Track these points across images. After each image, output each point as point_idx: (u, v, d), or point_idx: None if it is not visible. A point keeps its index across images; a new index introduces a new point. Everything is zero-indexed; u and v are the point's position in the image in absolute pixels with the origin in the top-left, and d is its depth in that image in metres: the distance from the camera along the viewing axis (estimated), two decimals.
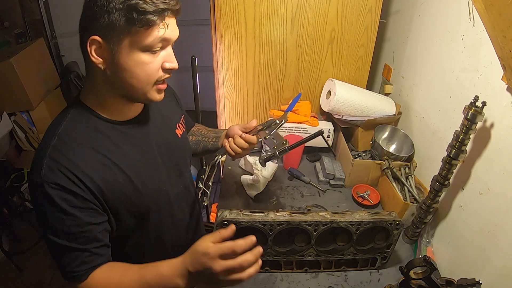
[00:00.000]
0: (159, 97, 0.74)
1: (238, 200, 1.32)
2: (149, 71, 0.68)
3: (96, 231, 0.69)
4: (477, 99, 0.87)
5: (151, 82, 0.70)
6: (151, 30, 0.64)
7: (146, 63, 0.67)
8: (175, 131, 0.93)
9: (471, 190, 0.97)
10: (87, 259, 0.68)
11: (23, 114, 2.52)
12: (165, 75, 0.71)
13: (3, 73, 2.28)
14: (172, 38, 0.68)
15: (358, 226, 0.96)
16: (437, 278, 0.85)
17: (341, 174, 1.40)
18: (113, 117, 0.74)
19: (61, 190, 0.64)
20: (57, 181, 0.64)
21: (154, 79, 0.69)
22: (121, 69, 0.66)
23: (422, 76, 1.30)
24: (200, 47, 2.31)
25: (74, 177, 0.65)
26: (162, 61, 0.69)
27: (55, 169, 0.64)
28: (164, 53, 0.69)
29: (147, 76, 0.68)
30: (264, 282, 1.02)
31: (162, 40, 0.66)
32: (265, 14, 1.38)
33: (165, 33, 0.65)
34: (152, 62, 0.67)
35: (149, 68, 0.67)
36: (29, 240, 2.28)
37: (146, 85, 0.69)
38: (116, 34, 0.63)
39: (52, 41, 2.97)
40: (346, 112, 1.45)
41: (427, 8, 1.28)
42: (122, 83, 0.68)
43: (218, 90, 1.57)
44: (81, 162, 0.67)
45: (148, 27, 0.63)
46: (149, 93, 0.71)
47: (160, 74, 0.70)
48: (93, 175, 0.67)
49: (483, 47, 0.93)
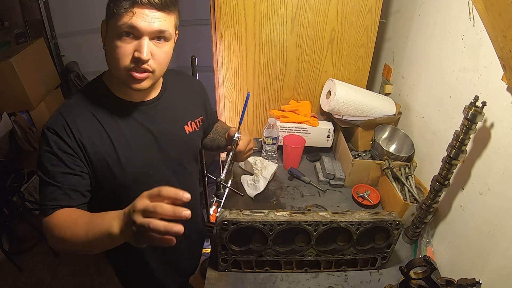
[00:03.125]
0: (135, 85, 0.79)
1: (238, 200, 1.32)
2: (119, 55, 0.74)
3: (75, 177, 0.78)
4: (477, 99, 0.87)
5: (122, 67, 0.76)
6: (122, 16, 0.71)
7: (117, 47, 0.74)
8: (184, 126, 0.97)
9: (471, 190, 0.97)
10: (59, 196, 0.77)
11: (23, 114, 2.52)
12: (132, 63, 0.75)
13: (3, 73, 2.28)
14: (142, 28, 0.72)
15: (358, 226, 0.96)
16: (437, 278, 0.85)
17: (341, 174, 1.40)
18: (121, 96, 0.85)
19: (55, 135, 0.77)
20: (55, 128, 0.77)
21: (124, 64, 0.75)
22: (106, 52, 0.78)
23: (422, 76, 1.30)
24: (200, 47, 2.30)
25: (69, 130, 0.78)
26: (133, 50, 0.74)
27: (58, 120, 0.78)
28: (136, 42, 0.74)
29: (117, 60, 0.75)
30: (264, 282, 1.02)
31: (129, 26, 0.72)
32: (265, 14, 1.38)
33: (132, 20, 0.71)
34: (122, 47, 0.74)
35: (119, 52, 0.74)
36: (29, 240, 2.28)
37: (118, 69, 0.76)
38: (108, 19, 0.75)
39: (52, 41, 2.97)
40: (346, 112, 1.45)
41: (427, 8, 1.28)
42: (108, 65, 0.79)
43: (218, 90, 1.57)
44: (79, 121, 0.79)
45: (118, 11, 0.71)
46: (123, 77, 0.78)
47: (129, 61, 0.75)
48: (84, 135, 0.79)
49: (483, 47, 0.93)
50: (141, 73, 0.77)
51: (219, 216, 0.94)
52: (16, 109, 2.48)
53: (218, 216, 0.95)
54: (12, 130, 2.49)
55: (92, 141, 0.80)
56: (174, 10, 0.78)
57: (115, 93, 0.84)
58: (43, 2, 2.81)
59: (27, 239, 2.29)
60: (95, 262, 2.18)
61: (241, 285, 1.01)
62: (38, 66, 2.57)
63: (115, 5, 0.71)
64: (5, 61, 2.26)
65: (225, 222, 0.92)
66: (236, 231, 0.94)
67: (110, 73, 0.84)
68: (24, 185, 2.37)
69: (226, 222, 0.92)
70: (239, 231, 0.94)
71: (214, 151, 1.21)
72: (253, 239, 0.98)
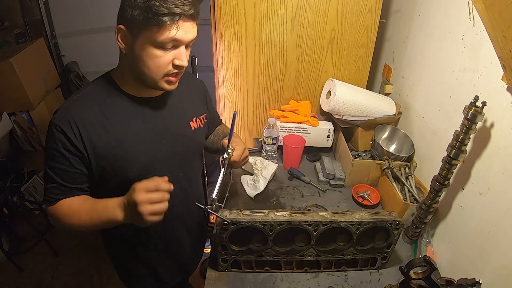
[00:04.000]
0: (169, 87, 0.84)
1: (238, 200, 1.32)
2: (159, 64, 0.78)
3: (77, 175, 0.83)
4: (477, 99, 0.87)
5: (161, 73, 0.80)
6: (163, 30, 0.73)
7: (157, 57, 0.77)
8: (189, 122, 0.99)
9: (471, 190, 0.97)
10: (61, 191, 0.83)
11: (23, 114, 2.52)
12: (174, 70, 0.80)
13: (3, 73, 2.28)
14: (183, 39, 0.77)
15: (358, 226, 0.96)
16: (437, 278, 0.85)
17: (341, 174, 1.40)
18: (130, 92, 0.87)
19: (61, 133, 0.79)
20: (61, 125, 0.79)
21: (164, 72, 0.80)
22: (136, 57, 0.78)
23: (422, 76, 1.30)
24: (200, 47, 2.30)
25: (75, 128, 0.79)
26: (173, 57, 0.78)
27: (64, 116, 0.80)
28: (176, 51, 0.78)
29: (156, 68, 0.78)
30: (264, 282, 1.02)
31: (173, 40, 0.75)
32: (265, 14, 1.38)
33: (176, 34, 0.74)
34: (163, 57, 0.77)
35: (159, 61, 0.77)
36: (29, 240, 2.28)
37: (155, 75, 0.80)
38: (135, 27, 0.74)
39: (52, 41, 2.97)
40: (346, 112, 1.45)
41: (427, 8, 1.28)
42: (137, 68, 0.80)
43: (218, 90, 1.57)
44: (86, 117, 0.81)
45: (160, 27, 0.72)
46: (159, 82, 0.82)
47: (170, 68, 0.80)
48: (91, 131, 0.81)
49: (483, 47, 0.93)
50: (177, 77, 0.83)
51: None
52: (16, 109, 2.48)
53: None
54: (12, 130, 2.49)
55: (99, 137, 0.82)
56: None
57: (124, 89, 0.87)
58: (43, 2, 2.80)
59: (27, 239, 2.29)
60: (95, 262, 2.18)
61: (241, 285, 1.01)
62: (38, 66, 2.57)
63: (155, 18, 0.71)
64: (5, 61, 2.26)
65: (225, 222, 0.92)
66: (236, 231, 0.94)
67: (121, 71, 0.86)
68: (24, 185, 2.37)
69: (226, 222, 0.92)
70: (239, 231, 0.94)
71: (213, 153, 1.23)
72: (253, 239, 0.98)
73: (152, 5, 0.70)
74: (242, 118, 1.65)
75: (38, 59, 2.59)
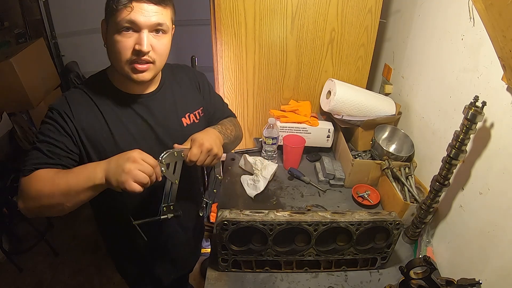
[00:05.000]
0: (136, 76, 0.83)
1: (238, 200, 1.32)
2: (119, 49, 0.78)
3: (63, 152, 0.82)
4: (477, 99, 0.87)
5: (123, 59, 0.80)
6: (121, 11, 0.75)
7: (118, 42, 0.78)
8: (181, 119, 1.00)
9: (471, 190, 0.97)
10: (42, 159, 0.80)
11: (23, 114, 2.52)
12: (134, 56, 0.79)
13: (3, 73, 2.27)
14: (141, 22, 0.77)
15: (358, 226, 0.96)
16: (437, 278, 0.85)
17: (341, 174, 1.40)
18: (121, 88, 0.89)
19: (58, 114, 0.82)
20: (57, 108, 0.82)
21: (126, 58, 0.79)
22: (108, 47, 0.81)
23: (422, 76, 1.30)
24: (200, 47, 2.30)
25: (71, 114, 0.82)
26: (133, 43, 0.78)
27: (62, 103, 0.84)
28: (136, 36, 0.78)
29: (118, 54, 0.79)
30: (264, 282, 1.02)
31: (129, 21, 0.76)
32: (265, 14, 1.38)
33: (131, 15, 0.75)
34: (123, 41, 0.78)
35: (120, 46, 0.78)
36: (29, 240, 2.28)
37: (120, 62, 0.80)
38: (108, 17, 0.78)
39: (52, 41, 2.97)
40: (346, 112, 1.45)
41: (427, 8, 1.28)
42: (110, 59, 0.83)
43: (218, 90, 1.57)
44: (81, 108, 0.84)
45: (117, 10, 0.74)
46: (125, 70, 0.82)
47: (130, 54, 0.79)
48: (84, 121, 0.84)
49: (483, 47, 0.93)
50: (142, 65, 0.81)
51: (219, 216, 0.94)
52: (16, 109, 2.48)
53: (218, 216, 0.95)
54: (12, 130, 2.49)
55: (92, 128, 0.84)
56: (170, 4, 0.82)
57: (116, 86, 0.89)
58: (43, 2, 2.80)
59: (27, 239, 2.29)
60: (95, 262, 2.18)
61: (241, 285, 1.01)
62: (38, 66, 2.57)
63: (114, 2, 0.75)
64: (5, 61, 2.26)
65: (225, 222, 0.92)
66: (236, 231, 0.94)
67: (113, 68, 0.87)
68: None
69: (226, 222, 0.92)
70: (239, 231, 0.94)
71: None
72: (253, 239, 0.98)
73: None
74: (242, 118, 1.65)
75: (38, 59, 2.59)
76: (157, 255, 1.11)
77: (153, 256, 1.11)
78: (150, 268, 1.12)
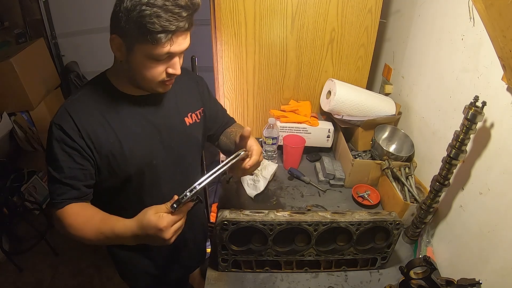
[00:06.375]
0: (164, 90, 0.87)
1: (238, 200, 1.32)
2: (153, 73, 0.80)
3: (81, 172, 0.84)
4: (477, 99, 0.87)
5: (155, 81, 0.82)
6: (158, 46, 0.74)
7: (151, 67, 0.79)
8: (184, 118, 1.00)
9: (471, 190, 0.97)
10: (66, 189, 0.83)
11: (23, 114, 2.52)
12: (168, 78, 0.83)
13: (3, 73, 2.27)
14: (177, 51, 0.78)
15: (358, 226, 0.96)
16: (437, 278, 0.85)
17: (341, 174, 1.40)
18: (125, 91, 0.88)
19: (62, 131, 0.81)
20: (61, 124, 0.81)
21: (158, 80, 0.82)
22: (132, 67, 0.80)
23: (422, 76, 1.30)
24: (200, 47, 2.29)
25: (75, 127, 0.81)
26: (166, 67, 0.81)
27: (64, 116, 0.82)
28: (170, 61, 0.80)
29: (151, 77, 0.81)
30: (264, 282, 1.02)
31: (168, 53, 0.76)
32: (265, 14, 1.38)
33: (171, 49, 0.76)
34: (157, 67, 0.79)
35: (154, 71, 0.80)
36: (29, 240, 2.27)
37: (150, 82, 0.82)
38: (129, 40, 0.75)
39: (52, 41, 2.97)
40: (346, 112, 1.45)
41: (427, 8, 1.28)
42: (132, 75, 0.82)
43: (218, 90, 1.57)
44: (84, 117, 0.83)
45: (155, 44, 0.73)
46: (154, 88, 0.85)
47: (163, 76, 0.82)
48: (89, 130, 0.83)
49: (483, 47, 0.93)
50: (171, 81, 0.86)
51: (219, 216, 0.94)
52: (16, 109, 2.48)
53: (218, 216, 0.95)
54: (12, 130, 2.49)
55: (97, 135, 0.84)
56: None
57: (119, 88, 0.88)
58: (43, 2, 2.80)
59: (27, 239, 2.29)
60: (95, 262, 2.18)
61: (241, 285, 1.01)
62: (38, 66, 2.57)
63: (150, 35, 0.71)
64: (5, 61, 2.25)
65: (225, 222, 0.92)
66: (236, 231, 0.94)
67: (116, 72, 0.87)
68: (24, 185, 2.37)
69: (226, 222, 0.92)
70: (239, 231, 0.94)
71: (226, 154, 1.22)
72: (253, 239, 0.98)
73: (146, 22, 0.69)
74: (242, 118, 1.65)
75: (38, 59, 2.59)
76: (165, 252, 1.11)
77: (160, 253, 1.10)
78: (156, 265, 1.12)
